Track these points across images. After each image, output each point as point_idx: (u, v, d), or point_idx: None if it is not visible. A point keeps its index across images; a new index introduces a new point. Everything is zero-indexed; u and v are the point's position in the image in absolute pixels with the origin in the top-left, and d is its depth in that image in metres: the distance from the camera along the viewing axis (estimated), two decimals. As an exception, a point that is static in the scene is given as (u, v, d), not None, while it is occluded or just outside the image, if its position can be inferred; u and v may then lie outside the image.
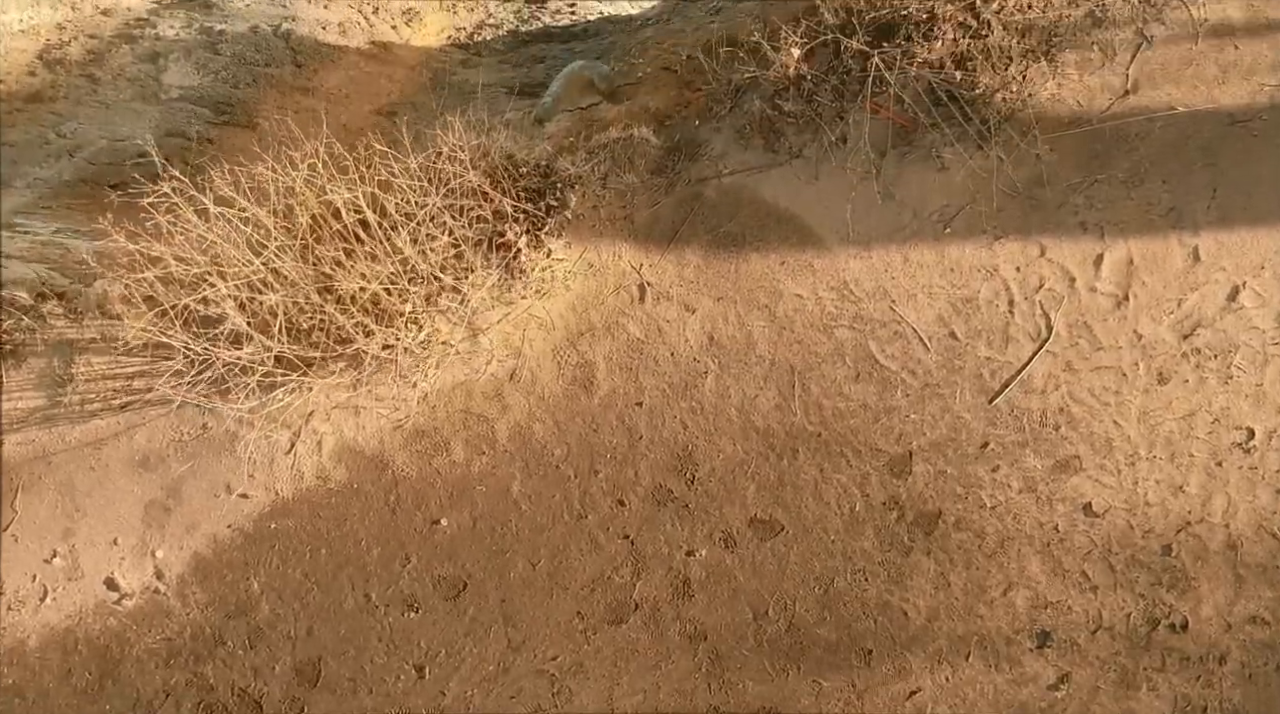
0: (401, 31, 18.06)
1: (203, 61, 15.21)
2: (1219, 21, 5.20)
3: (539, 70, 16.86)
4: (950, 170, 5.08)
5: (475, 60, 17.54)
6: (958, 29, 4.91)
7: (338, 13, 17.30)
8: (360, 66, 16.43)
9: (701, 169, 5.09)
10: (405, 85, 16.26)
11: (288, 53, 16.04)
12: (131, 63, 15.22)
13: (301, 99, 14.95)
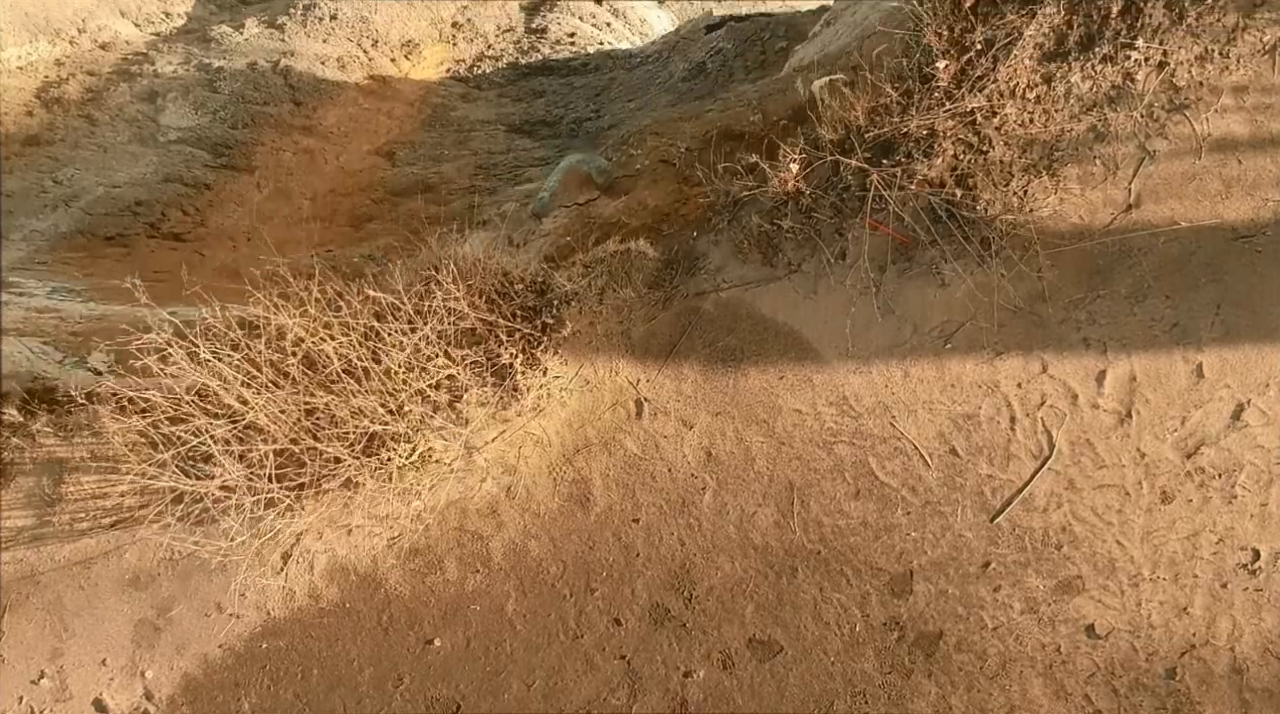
0: (401, 65, 17.85)
1: (201, 100, 14.96)
2: (1222, 136, 5.06)
3: (539, 105, 16.66)
4: (951, 287, 4.95)
5: (475, 94, 17.33)
6: (958, 145, 4.78)
7: (337, 47, 17.09)
8: (359, 103, 16.21)
9: (699, 283, 4.96)
10: (404, 122, 16.06)
11: (286, 90, 15.83)
12: (130, 101, 14.99)
13: (300, 138, 14.72)
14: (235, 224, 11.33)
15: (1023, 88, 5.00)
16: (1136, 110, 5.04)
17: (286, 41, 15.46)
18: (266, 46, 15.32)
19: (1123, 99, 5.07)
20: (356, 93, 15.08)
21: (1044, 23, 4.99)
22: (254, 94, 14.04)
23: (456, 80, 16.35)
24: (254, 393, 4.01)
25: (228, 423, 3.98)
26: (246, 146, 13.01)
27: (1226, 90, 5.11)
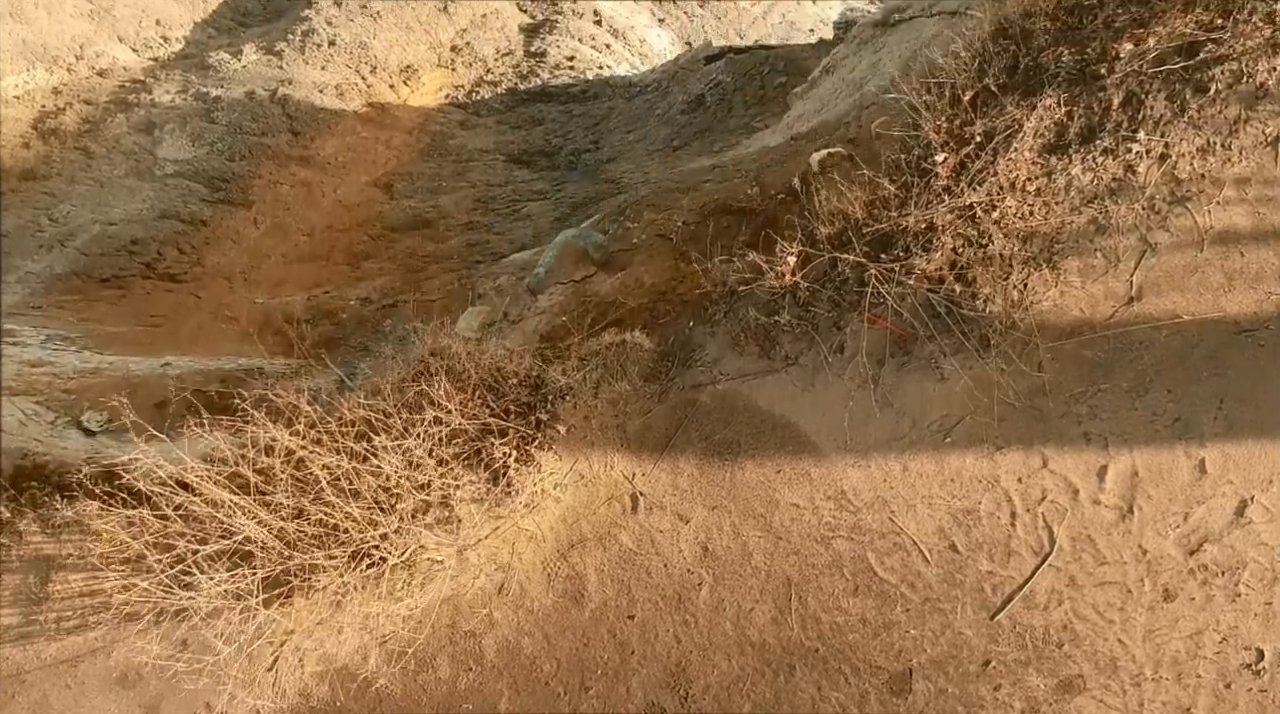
0: (400, 91, 17.74)
1: (198, 132, 14.83)
2: (1224, 228, 4.98)
3: (538, 134, 16.55)
4: (950, 381, 4.87)
5: (474, 120, 17.21)
6: (957, 239, 4.71)
7: (335, 74, 16.96)
8: (357, 132, 16.09)
9: (696, 375, 4.89)
10: (402, 152, 15.94)
11: (284, 119, 15.70)
12: (127, 133, 14.86)
13: (298, 170, 14.61)
14: (232, 262, 11.24)
15: (1023, 180, 4.92)
16: (1138, 203, 4.96)
17: (285, 69, 15.36)
18: (264, 74, 15.22)
19: (1124, 191, 4.99)
20: (355, 121, 14.99)
21: (1044, 115, 4.91)
22: (251, 124, 13.94)
23: (455, 106, 16.25)
24: (245, 515, 3.93)
25: (217, 539, 3.91)
26: (243, 179, 12.91)
27: (1229, 182, 5.03)
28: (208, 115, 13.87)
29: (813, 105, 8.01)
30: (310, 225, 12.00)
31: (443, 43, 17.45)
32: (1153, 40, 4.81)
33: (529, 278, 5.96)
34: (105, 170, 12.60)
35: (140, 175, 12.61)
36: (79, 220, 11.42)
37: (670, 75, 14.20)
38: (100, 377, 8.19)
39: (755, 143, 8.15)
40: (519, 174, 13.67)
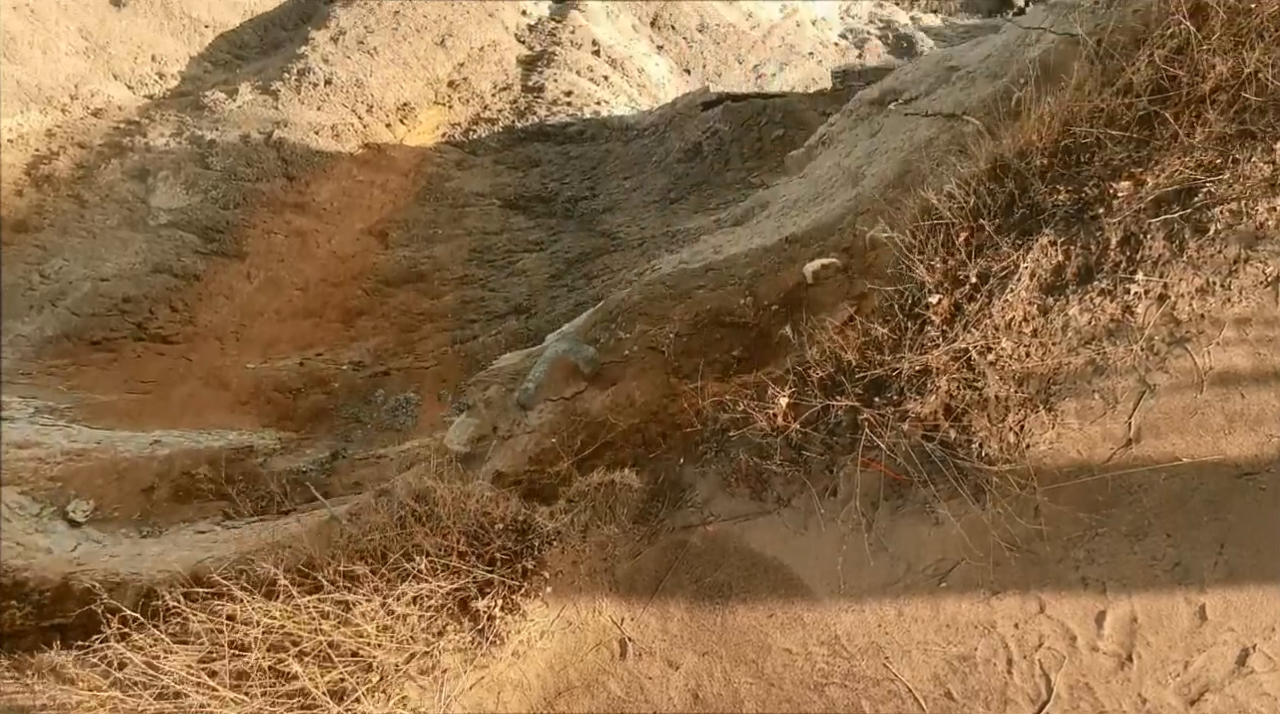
0: (396, 130, 17.59)
1: (192, 179, 14.66)
2: (1224, 370, 4.89)
3: (534, 176, 16.39)
4: (945, 525, 4.79)
5: (470, 160, 17.06)
6: (952, 382, 4.62)
7: (331, 114, 16.78)
8: (353, 175, 15.92)
9: (686, 516, 4.81)
10: (398, 196, 15.80)
11: (279, 164, 15.53)
12: (120, 179, 14.69)
13: (292, 217, 14.43)
14: (224, 321, 11.12)
15: (1019, 321, 4.81)
16: (1136, 344, 4.85)
17: (280, 109, 15.23)
18: (260, 115, 15.09)
19: (1122, 332, 4.88)
20: (350, 164, 14.87)
21: (1041, 255, 4.80)
22: (246, 170, 13.82)
23: (452, 145, 16.13)
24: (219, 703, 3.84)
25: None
26: (238, 229, 12.79)
27: (1229, 323, 4.92)
28: (202, 160, 13.75)
29: (807, 190, 7.90)
30: (304, 279, 11.89)
31: (440, 78, 17.33)
32: (1151, 180, 4.70)
33: (519, 392, 5.86)
34: (98, 220, 12.48)
35: (133, 226, 12.49)
36: (71, 276, 11.31)
37: (668, 120, 14.08)
38: (87, 460, 8.09)
39: (749, 231, 8.04)
40: (515, 221, 13.55)
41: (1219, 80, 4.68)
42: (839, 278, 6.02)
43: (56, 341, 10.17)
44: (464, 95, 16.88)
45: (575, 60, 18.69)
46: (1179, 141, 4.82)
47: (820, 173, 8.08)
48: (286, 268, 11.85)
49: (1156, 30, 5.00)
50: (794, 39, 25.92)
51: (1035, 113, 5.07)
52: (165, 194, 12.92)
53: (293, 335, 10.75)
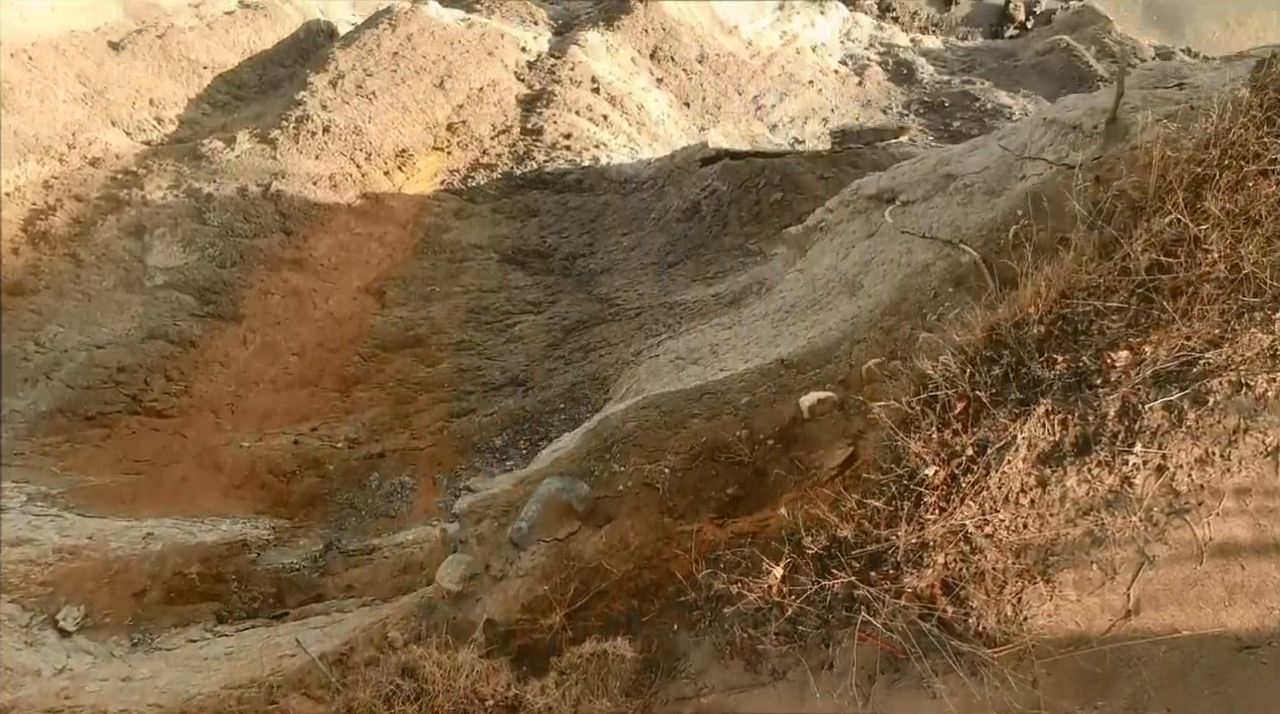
0: (394, 178, 17.42)
1: (189, 236, 14.45)
2: (1224, 540, 4.82)
3: (533, 227, 16.21)
4: (941, 699, 4.74)
5: (469, 209, 16.89)
6: (948, 555, 4.56)
7: (329, 163, 16.61)
8: (351, 228, 15.77)
9: (680, 688, 4.72)
10: (396, 249, 15.65)
11: (277, 218, 15.38)
12: (117, 236, 14.51)
13: (290, 275, 14.26)
14: (219, 391, 11.05)
15: (1016, 492, 4.73)
16: (1135, 515, 4.77)
17: (278, 160, 15.14)
18: (258, 166, 15.00)
19: (1120, 503, 4.80)
20: (348, 216, 14.78)
21: (1038, 426, 4.71)
22: (244, 226, 13.74)
23: (450, 193, 16.04)
24: None
25: None
26: (234, 289, 12.72)
27: (1228, 493, 4.84)
28: (199, 216, 13.67)
29: (805, 291, 7.81)
30: (300, 343, 11.81)
31: (439, 122, 17.24)
32: (1149, 350, 4.62)
33: (512, 530, 5.79)
34: (94, 281, 12.41)
35: (130, 286, 12.42)
36: (66, 343, 11.23)
37: (666, 173, 14.00)
38: (80, 559, 8.02)
39: (746, 331, 7.96)
40: (513, 277, 13.48)
41: (1216, 271, 4.61)
42: (835, 414, 5.94)
43: (51, 417, 10.10)
44: (463, 139, 16.79)
45: (575, 100, 18.62)
46: (1178, 311, 4.74)
47: (818, 271, 8.00)
48: (283, 332, 11.78)
49: (1154, 205, 4.91)
50: (794, 67, 25.85)
51: (1032, 282, 4.99)
52: (162, 252, 12.84)
53: (288, 407, 10.68)
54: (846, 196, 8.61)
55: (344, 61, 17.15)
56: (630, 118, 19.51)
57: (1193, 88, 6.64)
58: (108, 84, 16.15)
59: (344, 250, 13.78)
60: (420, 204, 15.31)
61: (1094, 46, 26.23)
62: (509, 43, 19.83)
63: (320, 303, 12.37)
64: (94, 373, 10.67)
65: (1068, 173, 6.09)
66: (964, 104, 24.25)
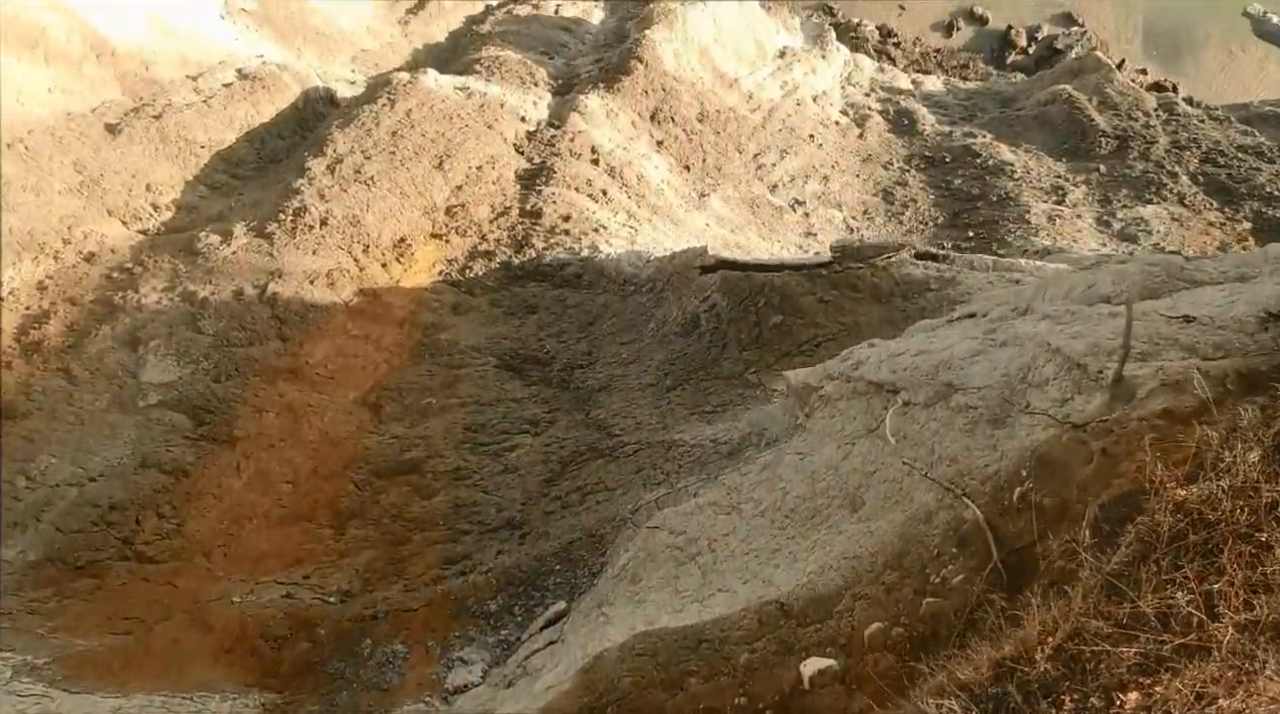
0: (392, 270, 17.01)
1: (184, 347, 13.99)
2: None
3: (530, 326, 15.75)
4: None
5: (466, 303, 16.47)
6: None
7: (327, 258, 16.17)
8: (348, 330, 15.36)
9: None
10: (393, 353, 15.24)
11: (273, 323, 14.95)
12: (111, 348, 14.03)
13: (285, 387, 13.87)
14: (212, 528, 10.74)
15: None
16: None
17: (275, 257, 14.81)
18: (254, 264, 14.67)
19: None
20: (345, 317, 14.45)
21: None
22: (239, 334, 13.41)
23: (449, 284, 15.71)
24: None
25: None
26: (229, 407, 12.40)
27: None
28: (194, 323, 13.34)
29: (804, 489, 7.48)
30: (294, 469, 11.51)
31: (438, 206, 16.89)
32: (1160, 689, 4.29)
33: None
34: (87, 401, 12.10)
35: (123, 406, 12.11)
36: (58, 476, 10.93)
37: (665, 277, 13.66)
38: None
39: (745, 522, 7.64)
40: (510, 387, 13.15)
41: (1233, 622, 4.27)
42: (836, 688, 5.63)
43: (40, 568, 9.81)
44: (461, 224, 16.45)
45: (574, 175, 18.26)
46: (1192, 654, 4.41)
47: (818, 462, 7.68)
48: (276, 456, 11.47)
49: (1164, 563, 4.57)
50: (795, 120, 25.50)
51: (1037, 618, 4.66)
52: (156, 367, 12.52)
53: (281, 548, 10.38)
54: (847, 371, 8.29)
55: (342, 144, 16.79)
56: (630, 190, 19.17)
57: (1200, 326, 6.30)
58: (104, 171, 15.81)
59: (340, 356, 13.46)
60: (418, 299, 14.98)
61: (1096, 97, 25.79)
62: (508, 113, 19.47)
63: (315, 421, 12.06)
64: (85, 513, 10.37)
65: (1074, 435, 5.77)
66: (965, 159, 23.93)
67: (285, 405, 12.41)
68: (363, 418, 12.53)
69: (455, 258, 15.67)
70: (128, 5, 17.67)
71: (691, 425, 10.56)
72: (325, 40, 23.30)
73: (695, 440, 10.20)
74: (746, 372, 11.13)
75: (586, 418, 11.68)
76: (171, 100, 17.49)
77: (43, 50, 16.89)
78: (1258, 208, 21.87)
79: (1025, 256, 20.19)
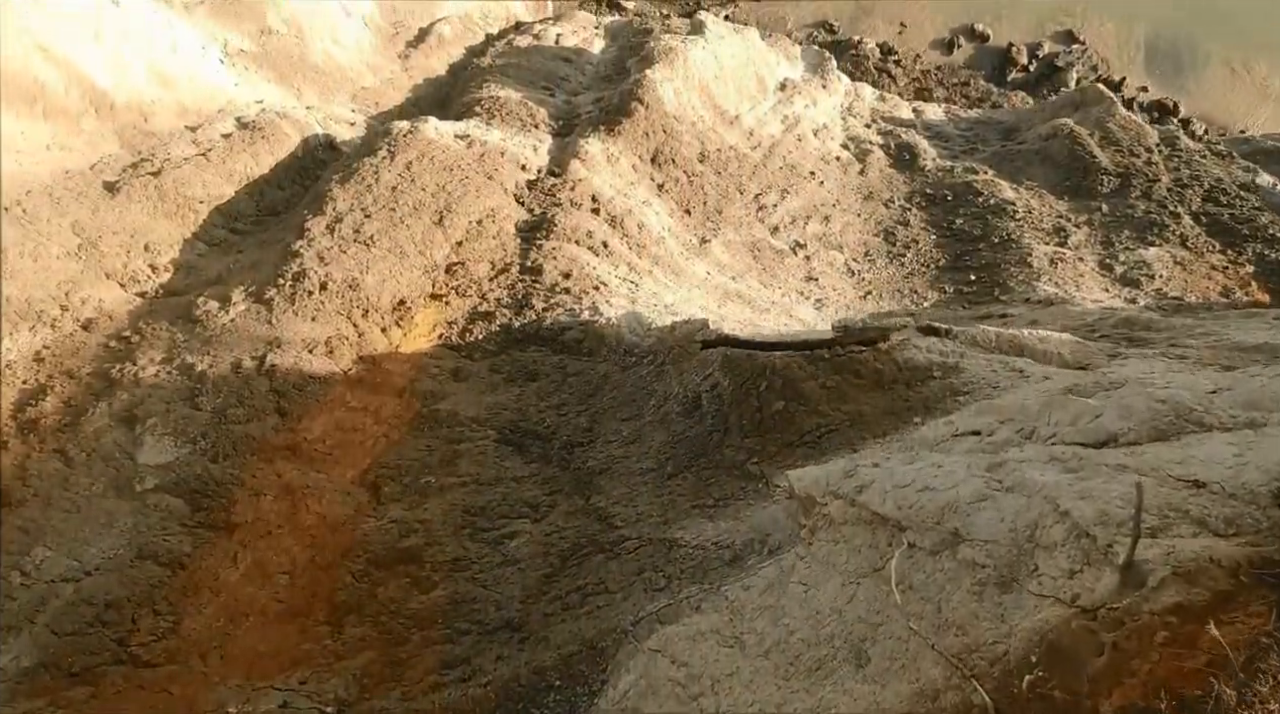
0: (392, 335, 16.71)
1: (181, 425, 13.74)
2: None
3: (530, 395, 15.49)
4: None
5: (467, 369, 16.17)
6: None
7: (326, 325, 15.89)
8: (346, 401, 15.11)
9: None
10: (392, 426, 14.96)
11: (271, 397, 14.69)
12: (108, 427, 13.74)
13: (284, 466, 13.63)
14: (208, 627, 10.55)
15: None
16: None
17: (274, 324, 14.59)
18: (253, 333, 14.46)
19: None
20: (344, 388, 14.24)
21: None
22: (237, 410, 13.21)
23: (448, 348, 15.49)
24: None
25: None
26: (226, 490, 12.20)
27: None
28: (192, 399, 13.14)
29: (809, 631, 7.26)
30: (291, 559, 11.32)
31: (437, 264, 16.68)
32: None
33: None
34: (84, 485, 11.90)
35: (120, 490, 11.91)
36: (54, 571, 10.74)
37: (666, 349, 13.45)
38: None
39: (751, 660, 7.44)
40: (510, 465, 12.95)
41: None
42: None
43: (34, 675, 9.62)
44: (461, 284, 16.23)
45: (574, 227, 18.03)
46: None
47: (823, 603, 7.45)
48: (273, 546, 11.29)
49: None
50: (796, 157, 25.28)
51: None
52: (153, 448, 12.33)
53: (278, 648, 10.20)
54: (851, 493, 8.08)
55: (342, 201, 16.57)
56: (631, 240, 18.95)
57: (1211, 494, 6.10)
58: (102, 232, 15.60)
59: (339, 430, 13.25)
60: (418, 365, 14.77)
61: (1098, 131, 25.52)
62: (509, 162, 19.24)
63: (313, 504, 11.86)
64: (81, 613, 10.18)
65: (1083, 623, 5.57)
66: (967, 198, 23.71)
67: (283, 486, 12.21)
68: (361, 500, 12.34)
69: (455, 320, 15.46)
70: (128, 56, 17.42)
71: (693, 521, 10.36)
72: (324, 78, 23.07)
73: (697, 541, 10.00)
74: (749, 461, 10.92)
75: (587, 504, 11.49)
76: (170, 154, 17.26)
77: (41, 106, 16.66)
78: (1260, 250, 21.64)
79: (1028, 306, 19.98)
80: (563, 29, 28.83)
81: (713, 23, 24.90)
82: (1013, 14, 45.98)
